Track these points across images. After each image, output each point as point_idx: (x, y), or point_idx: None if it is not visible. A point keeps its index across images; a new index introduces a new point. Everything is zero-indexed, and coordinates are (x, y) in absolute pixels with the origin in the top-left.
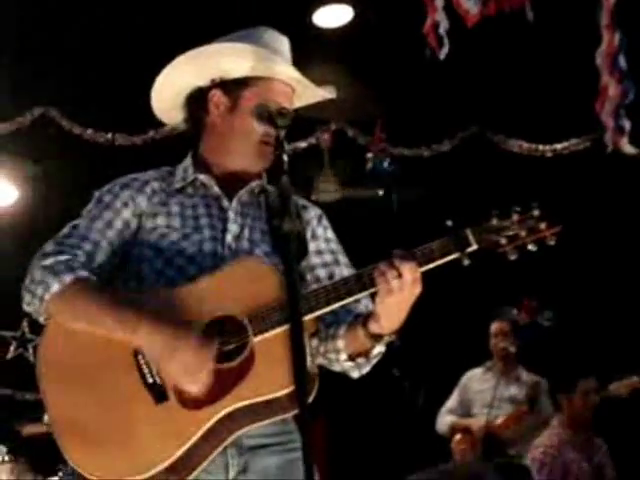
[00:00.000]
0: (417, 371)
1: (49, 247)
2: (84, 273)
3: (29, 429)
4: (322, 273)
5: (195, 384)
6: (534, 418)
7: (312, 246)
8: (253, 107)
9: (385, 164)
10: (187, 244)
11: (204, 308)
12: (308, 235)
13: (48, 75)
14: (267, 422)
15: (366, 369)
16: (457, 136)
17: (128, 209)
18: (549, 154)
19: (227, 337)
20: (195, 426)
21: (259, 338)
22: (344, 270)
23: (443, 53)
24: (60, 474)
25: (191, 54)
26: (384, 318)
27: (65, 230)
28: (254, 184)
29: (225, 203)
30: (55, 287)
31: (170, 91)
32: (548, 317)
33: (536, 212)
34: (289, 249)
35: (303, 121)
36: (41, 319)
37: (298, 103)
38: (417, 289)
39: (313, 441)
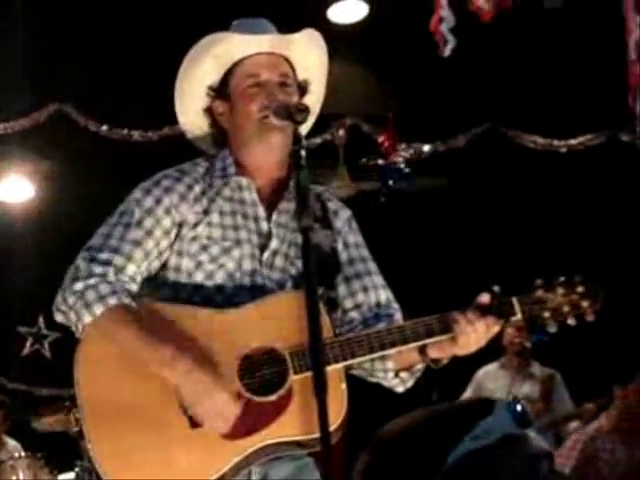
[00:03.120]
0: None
1: (81, 263)
2: (114, 301)
3: (44, 425)
4: (356, 286)
5: (218, 430)
6: (551, 416)
7: (344, 256)
8: (246, 90)
9: (404, 171)
10: (227, 259)
11: (246, 337)
12: (340, 246)
13: (64, 71)
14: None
15: (410, 383)
16: (472, 131)
17: (169, 218)
18: (563, 149)
19: (267, 370)
20: (229, 456)
21: (299, 376)
22: (375, 279)
23: (448, 50)
24: (76, 469)
25: (179, 79)
26: (450, 352)
27: (97, 241)
28: (290, 193)
29: (261, 212)
30: (87, 319)
31: (191, 118)
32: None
33: (580, 289)
34: (307, 245)
35: (318, 117)
36: (79, 335)
37: (302, 65)
38: (490, 337)
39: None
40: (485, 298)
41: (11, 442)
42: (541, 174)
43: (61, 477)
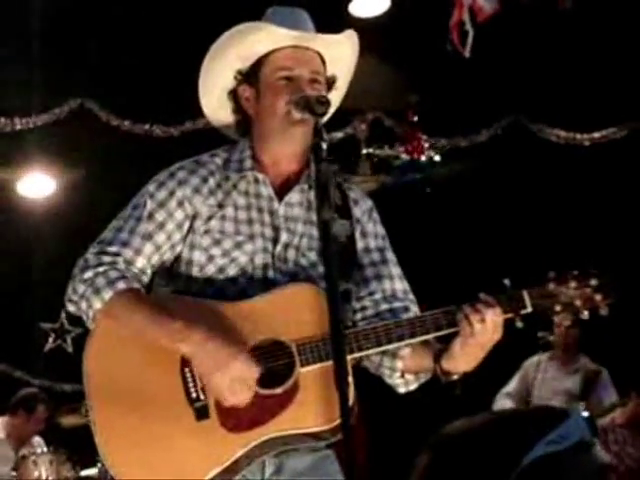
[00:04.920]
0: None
1: (90, 256)
2: (123, 285)
3: (68, 420)
4: (369, 273)
5: (237, 400)
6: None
7: (361, 244)
8: (276, 82)
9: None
10: (239, 253)
11: (254, 329)
12: (357, 234)
13: (85, 66)
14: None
15: (413, 387)
16: (494, 125)
17: (182, 210)
18: (586, 143)
19: (273, 363)
20: (234, 449)
21: (305, 369)
22: (391, 269)
23: (467, 51)
24: (99, 465)
25: (208, 59)
26: (461, 360)
27: (108, 234)
28: (304, 185)
29: (276, 206)
30: (97, 305)
31: (213, 100)
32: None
33: (593, 282)
34: (328, 237)
35: (339, 111)
36: (90, 326)
37: (332, 61)
38: (498, 335)
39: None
40: (483, 295)
41: (35, 437)
42: (564, 167)
43: (84, 473)
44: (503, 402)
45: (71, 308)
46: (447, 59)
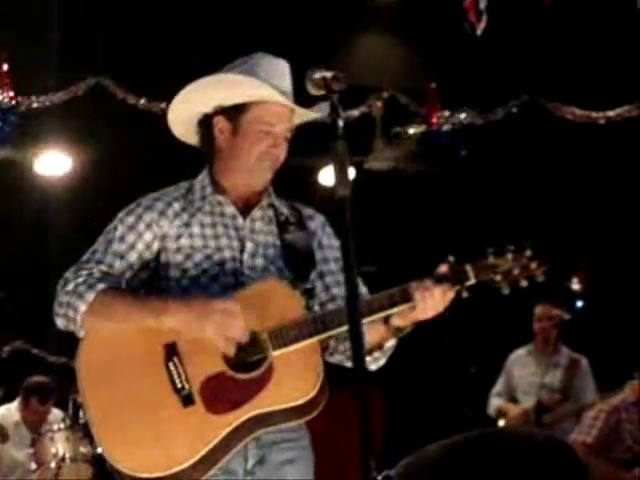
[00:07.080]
0: (468, 345)
1: (69, 274)
2: (102, 285)
3: None
4: (329, 280)
5: (236, 334)
6: (569, 406)
7: (319, 255)
8: (256, 132)
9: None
10: (210, 264)
11: None
12: (315, 245)
13: (102, 44)
14: (282, 425)
15: (382, 362)
16: (510, 103)
17: (150, 232)
18: (602, 121)
19: (249, 350)
20: (218, 429)
21: (278, 352)
22: None
23: (480, 29)
24: None
25: (194, 85)
26: (410, 317)
27: (84, 256)
28: (264, 202)
29: (240, 221)
30: (82, 307)
31: (183, 118)
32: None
33: (528, 252)
34: (345, 216)
35: (356, 89)
36: (81, 334)
37: (297, 120)
38: (447, 302)
39: (371, 414)
40: (443, 268)
41: (54, 412)
42: (579, 145)
43: (100, 449)
44: (494, 402)
45: (60, 322)
46: (463, 38)
